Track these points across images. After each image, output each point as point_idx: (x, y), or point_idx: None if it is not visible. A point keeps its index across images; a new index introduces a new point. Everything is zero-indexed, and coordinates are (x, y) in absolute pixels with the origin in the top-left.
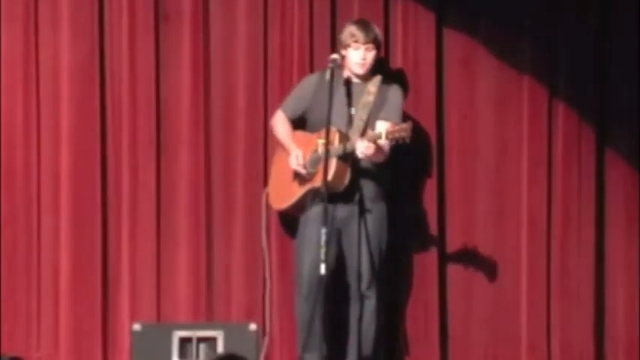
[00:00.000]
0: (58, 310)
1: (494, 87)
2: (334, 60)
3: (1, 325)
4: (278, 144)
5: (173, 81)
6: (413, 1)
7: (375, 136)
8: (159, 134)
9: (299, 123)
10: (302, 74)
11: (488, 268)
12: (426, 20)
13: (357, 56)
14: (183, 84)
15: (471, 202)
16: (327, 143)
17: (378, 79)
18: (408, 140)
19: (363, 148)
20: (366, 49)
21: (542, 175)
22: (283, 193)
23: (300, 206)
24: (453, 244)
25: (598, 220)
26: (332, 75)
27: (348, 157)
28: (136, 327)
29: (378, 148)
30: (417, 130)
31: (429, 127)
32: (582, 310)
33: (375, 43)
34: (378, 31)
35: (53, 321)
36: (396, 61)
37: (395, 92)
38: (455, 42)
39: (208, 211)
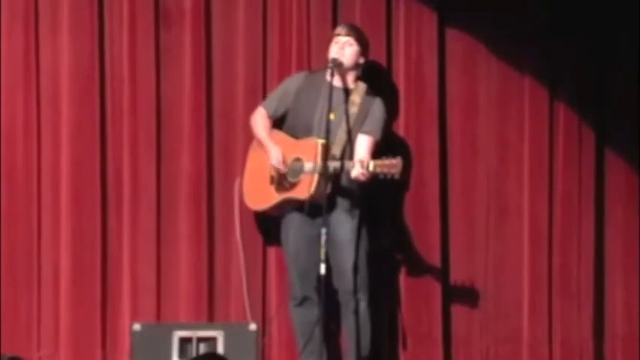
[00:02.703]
0: (59, 309)
1: (496, 87)
2: (334, 60)
3: (1, 325)
4: (255, 140)
5: (173, 81)
6: (415, 1)
7: (364, 166)
8: (159, 134)
9: (276, 122)
10: None
11: (490, 267)
12: (428, 20)
13: (337, 48)
14: (184, 84)
15: (473, 201)
16: (326, 155)
17: (362, 88)
18: (397, 177)
19: (357, 174)
20: (346, 42)
21: (543, 176)
22: (258, 195)
23: (276, 211)
24: (454, 244)
25: (598, 221)
26: (332, 76)
27: (331, 173)
28: (136, 327)
29: (367, 174)
30: (419, 132)
31: (431, 126)
32: (582, 311)
33: (358, 40)
34: (364, 32)
35: (53, 321)
36: (399, 61)
37: (378, 106)
38: (457, 42)
39: (208, 212)
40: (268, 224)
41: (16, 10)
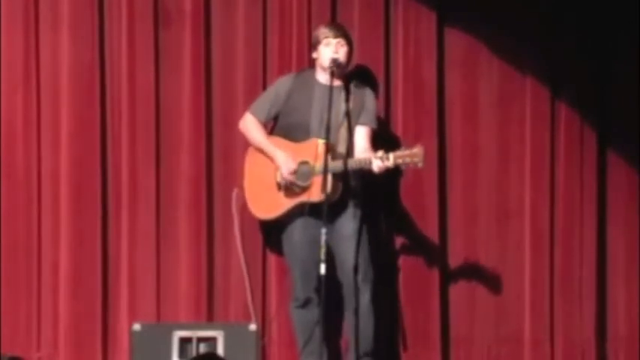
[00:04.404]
0: (58, 309)
1: (496, 87)
2: (335, 61)
3: (1, 325)
4: (251, 149)
5: (173, 81)
6: (414, 0)
7: (383, 159)
8: (159, 134)
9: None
10: None
11: (491, 267)
12: (427, 20)
13: (329, 51)
14: (184, 84)
15: (473, 202)
16: (327, 155)
17: (352, 82)
18: (421, 165)
19: (377, 169)
20: (338, 44)
21: (544, 176)
22: (267, 204)
23: (286, 217)
24: (455, 244)
25: (600, 220)
26: (332, 76)
27: (343, 171)
28: (136, 327)
29: (387, 167)
30: (418, 132)
31: (431, 127)
32: (584, 311)
33: (347, 39)
34: (348, 30)
35: (53, 321)
36: (397, 62)
37: (370, 96)
38: (456, 42)
39: (208, 212)
40: (268, 225)
41: (16, 10)
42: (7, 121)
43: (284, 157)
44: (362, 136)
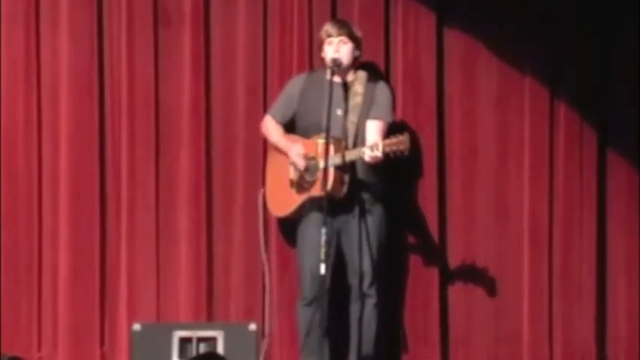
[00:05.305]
0: (58, 309)
1: (496, 87)
2: (335, 60)
3: (1, 325)
4: (271, 149)
5: (173, 81)
6: (413, 0)
7: (373, 149)
8: (158, 134)
9: (288, 127)
10: None
11: (490, 268)
12: (427, 20)
13: (331, 50)
14: (183, 84)
15: (472, 202)
16: (327, 151)
17: (363, 76)
18: (407, 153)
19: (368, 158)
20: (340, 42)
21: (543, 176)
22: (281, 201)
23: (298, 214)
24: (454, 245)
25: (599, 221)
26: (332, 75)
27: (347, 165)
28: (136, 327)
29: (378, 157)
30: (417, 131)
31: (430, 127)
32: (584, 311)
33: (350, 36)
34: (354, 28)
35: (53, 321)
36: (397, 61)
37: (382, 89)
38: (455, 42)
39: (208, 211)
40: (269, 224)
41: (17, 10)
42: (8, 121)
43: (295, 148)
44: (373, 130)
